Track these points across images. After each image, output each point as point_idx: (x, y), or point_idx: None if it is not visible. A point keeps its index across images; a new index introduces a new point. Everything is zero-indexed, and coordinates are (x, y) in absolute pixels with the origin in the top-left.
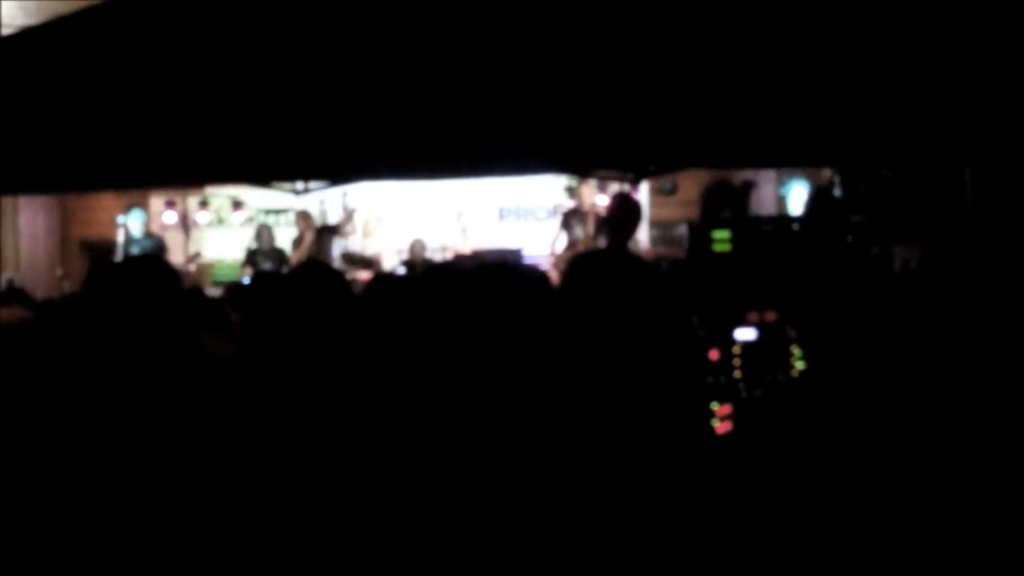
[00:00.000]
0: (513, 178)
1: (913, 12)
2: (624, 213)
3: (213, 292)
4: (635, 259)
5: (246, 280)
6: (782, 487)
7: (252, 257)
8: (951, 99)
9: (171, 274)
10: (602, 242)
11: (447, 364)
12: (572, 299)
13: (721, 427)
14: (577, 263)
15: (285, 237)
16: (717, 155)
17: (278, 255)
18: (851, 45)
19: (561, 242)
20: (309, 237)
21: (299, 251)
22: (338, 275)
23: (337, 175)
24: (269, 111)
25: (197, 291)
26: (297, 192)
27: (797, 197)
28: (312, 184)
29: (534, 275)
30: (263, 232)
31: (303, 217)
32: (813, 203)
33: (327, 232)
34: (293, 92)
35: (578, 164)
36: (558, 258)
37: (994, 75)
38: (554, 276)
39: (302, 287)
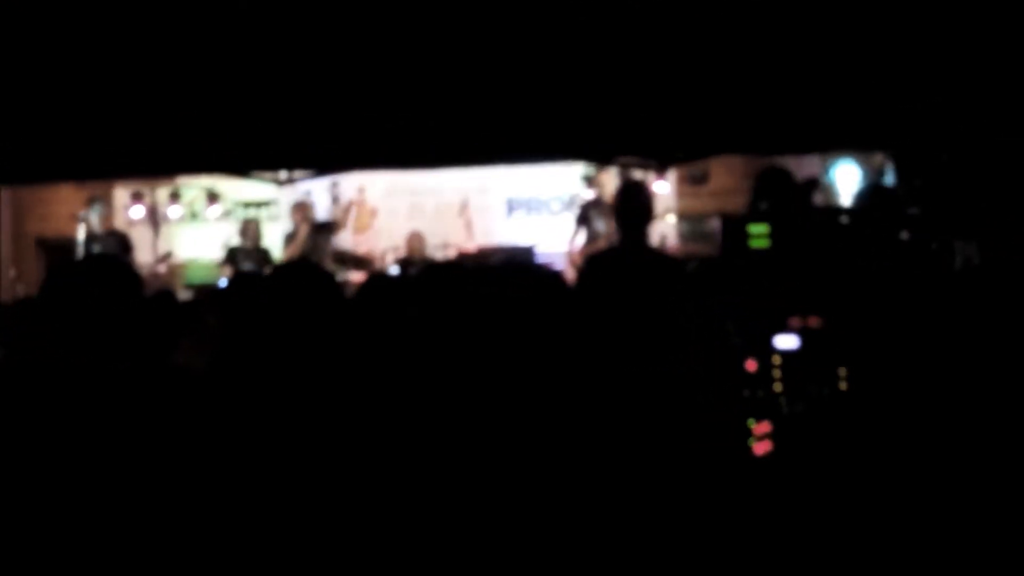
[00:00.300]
0: (524, 166)
1: None
2: (631, 203)
3: (186, 296)
4: (656, 255)
5: (224, 282)
6: (826, 517)
7: (233, 256)
8: (1013, 75)
9: (131, 276)
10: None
11: (448, 379)
12: (586, 303)
13: (759, 448)
14: (591, 262)
15: (268, 233)
16: (752, 140)
17: (262, 254)
18: (901, 19)
19: (579, 238)
20: (304, 232)
21: (291, 248)
22: (327, 276)
23: (327, 163)
24: (249, 91)
25: (168, 295)
26: (280, 182)
27: (845, 180)
28: (297, 173)
29: (547, 276)
30: (249, 227)
31: (299, 209)
32: (865, 194)
33: (324, 229)
34: (275, 69)
35: (597, 150)
36: (576, 256)
37: None
38: (571, 276)
39: (286, 290)
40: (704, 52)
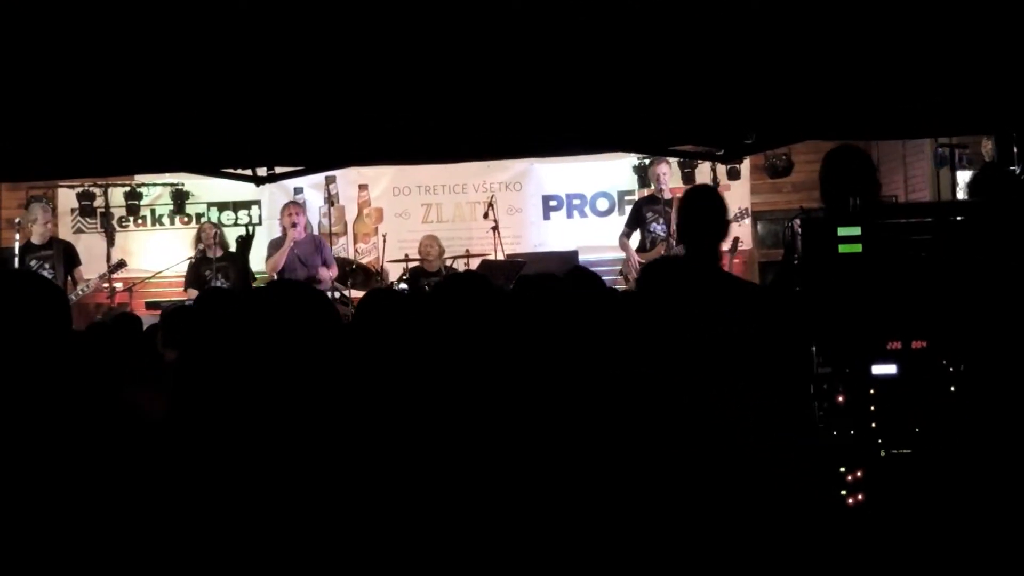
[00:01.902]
0: (563, 159)
1: None
2: (699, 209)
3: (147, 320)
4: (728, 278)
5: (187, 303)
6: None
7: (197, 270)
8: None
9: (56, 303)
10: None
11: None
12: (640, 324)
13: (852, 499)
14: (646, 274)
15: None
16: (840, 122)
17: (242, 267)
18: None
19: (634, 242)
20: (295, 236)
21: (274, 259)
22: (319, 295)
23: (319, 158)
24: (223, 76)
25: (130, 319)
26: (258, 180)
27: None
28: (279, 169)
29: (597, 290)
30: (206, 232)
31: (288, 213)
32: (982, 184)
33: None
34: (252, 48)
35: (651, 138)
36: (633, 264)
37: None
38: (625, 287)
39: (266, 310)
40: (777, 23)
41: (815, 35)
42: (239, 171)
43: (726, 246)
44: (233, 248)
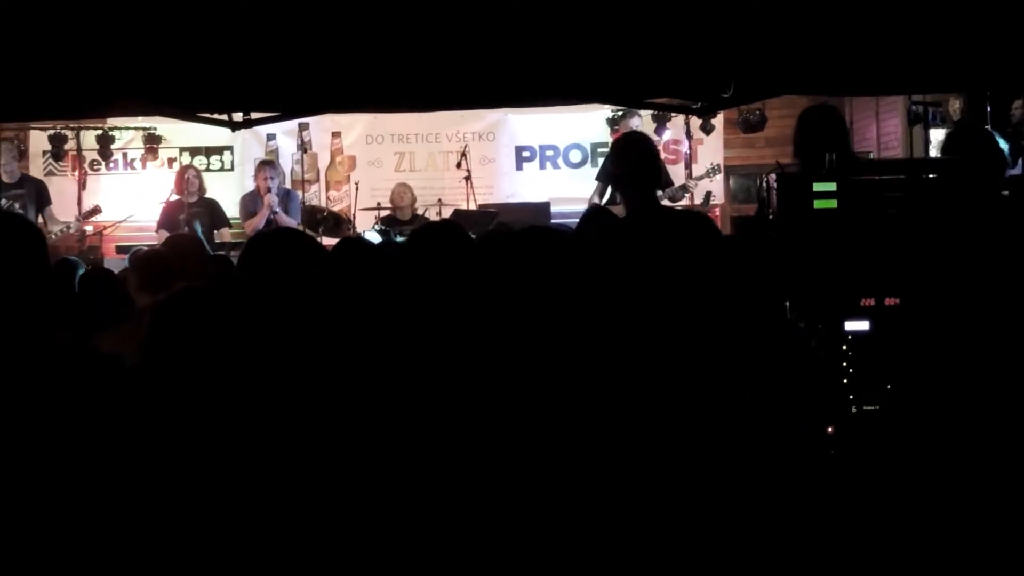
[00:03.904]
0: (536, 110)
1: None
2: (630, 160)
3: (116, 264)
4: (677, 219)
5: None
6: (903, 534)
7: (170, 213)
8: None
9: (33, 239)
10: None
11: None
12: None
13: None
14: (588, 225)
15: (219, 186)
16: (817, 77)
17: (209, 210)
18: None
19: (607, 196)
20: (271, 202)
21: (254, 221)
22: (308, 240)
23: (296, 104)
24: (199, 19)
25: (97, 268)
26: (234, 125)
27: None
28: (254, 114)
29: (571, 245)
30: (186, 177)
31: (263, 171)
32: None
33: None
34: None
35: (626, 90)
36: None
37: None
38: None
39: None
40: None
41: None
42: (215, 116)
43: (698, 199)
44: (210, 194)
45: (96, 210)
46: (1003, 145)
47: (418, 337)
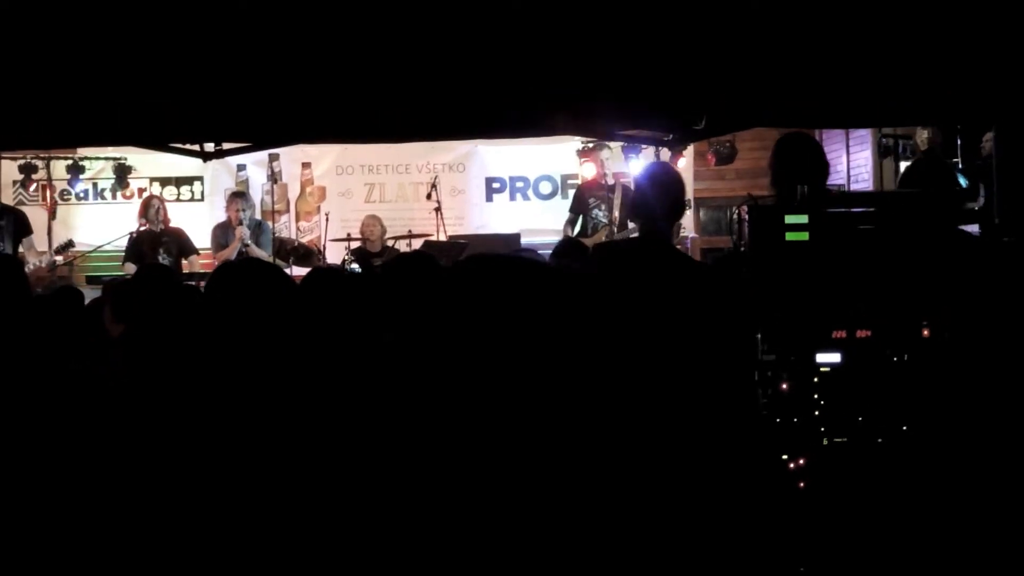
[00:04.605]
0: (507, 141)
1: None
2: (663, 188)
3: (88, 295)
4: (678, 255)
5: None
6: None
7: (137, 245)
8: None
9: (13, 268)
10: (633, 233)
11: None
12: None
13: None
14: (599, 256)
15: (189, 216)
16: (788, 110)
17: (177, 242)
18: None
19: (576, 228)
20: (243, 235)
21: (224, 254)
22: (275, 271)
23: (267, 135)
24: (171, 50)
25: (71, 292)
26: (206, 155)
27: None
28: (226, 145)
29: (544, 271)
30: (151, 206)
31: (235, 203)
32: (917, 175)
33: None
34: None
35: (598, 123)
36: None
37: None
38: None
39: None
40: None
41: (765, 23)
42: (186, 146)
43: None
44: (181, 224)
45: (70, 244)
46: (961, 180)
47: (381, 358)
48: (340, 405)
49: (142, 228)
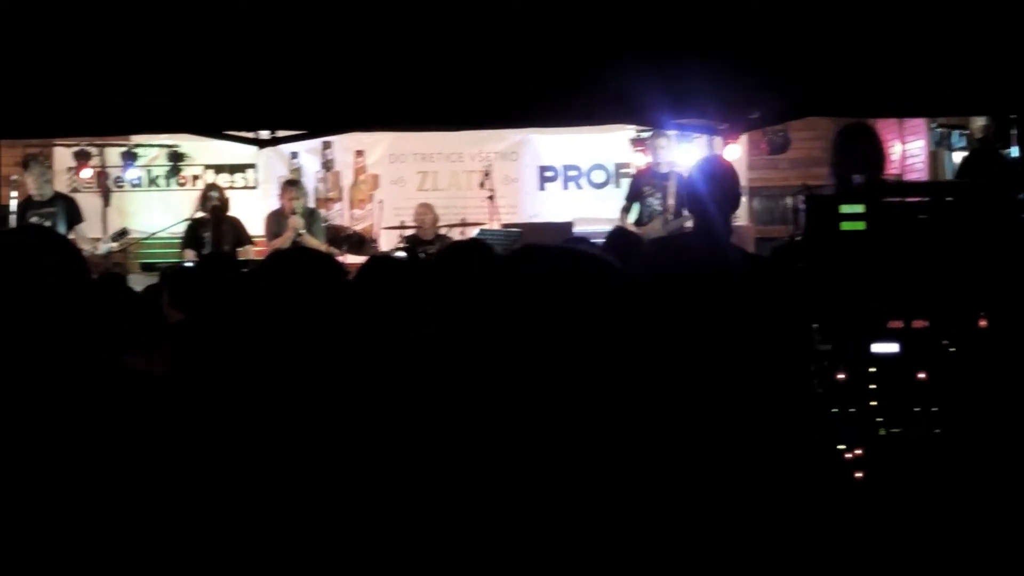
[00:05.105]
0: (561, 130)
1: None
2: (716, 182)
3: (142, 280)
4: (732, 249)
5: (189, 264)
6: (930, 558)
7: (195, 232)
8: None
9: (74, 255)
10: (688, 221)
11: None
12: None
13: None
14: (653, 250)
15: (242, 203)
16: (843, 99)
17: (233, 229)
18: None
19: (631, 216)
20: (294, 224)
21: (277, 243)
22: (328, 260)
23: (322, 122)
24: (227, 38)
25: (116, 279)
26: (260, 143)
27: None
28: (280, 132)
29: (599, 263)
30: (211, 195)
31: (289, 191)
32: (975, 165)
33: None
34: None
35: (653, 112)
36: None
37: None
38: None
39: (278, 275)
40: None
41: (818, 12)
42: (241, 134)
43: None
44: (235, 212)
45: (124, 232)
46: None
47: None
48: (381, 396)
49: (200, 215)
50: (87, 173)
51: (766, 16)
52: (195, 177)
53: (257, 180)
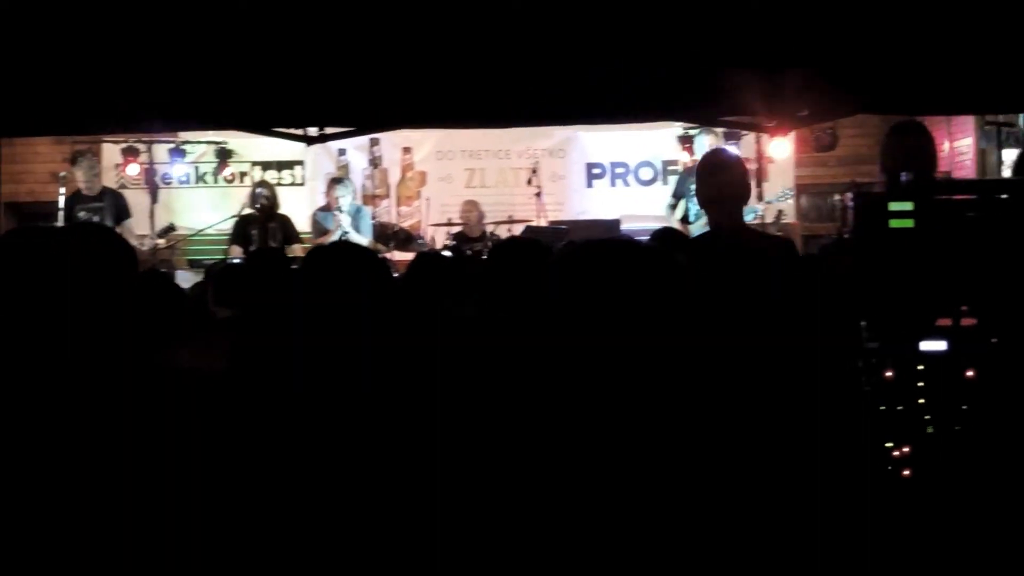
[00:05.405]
0: (608, 127)
1: None
2: (716, 178)
3: (189, 277)
4: (760, 239)
5: (235, 261)
6: (977, 556)
7: (244, 229)
8: None
9: (124, 250)
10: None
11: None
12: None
13: (899, 475)
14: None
15: (289, 200)
16: (892, 96)
17: (282, 226)
18: None
19: (678, 213)
20: (343, 222)
21: (327, 238)
22: (373, 257)
23: (370, 119)
24: (274, 35)
25: (160, 276)
26: (308, 140)
27: None
28: (328, 129)
29: (654, 255)
30: (261, 192)
31: (334, 189)
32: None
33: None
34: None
35: (701, 108)
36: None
37: None
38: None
39: (325, 273)
40: None
41: (866, 10)
42: (289, 130)
43: (769, 218)
44: (283, 210)
45: (171, 228)
46: None
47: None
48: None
49: (248, 212)
50: (134, 169)
51: (815, 13)
52: (243, 174)
53: (304, 177)
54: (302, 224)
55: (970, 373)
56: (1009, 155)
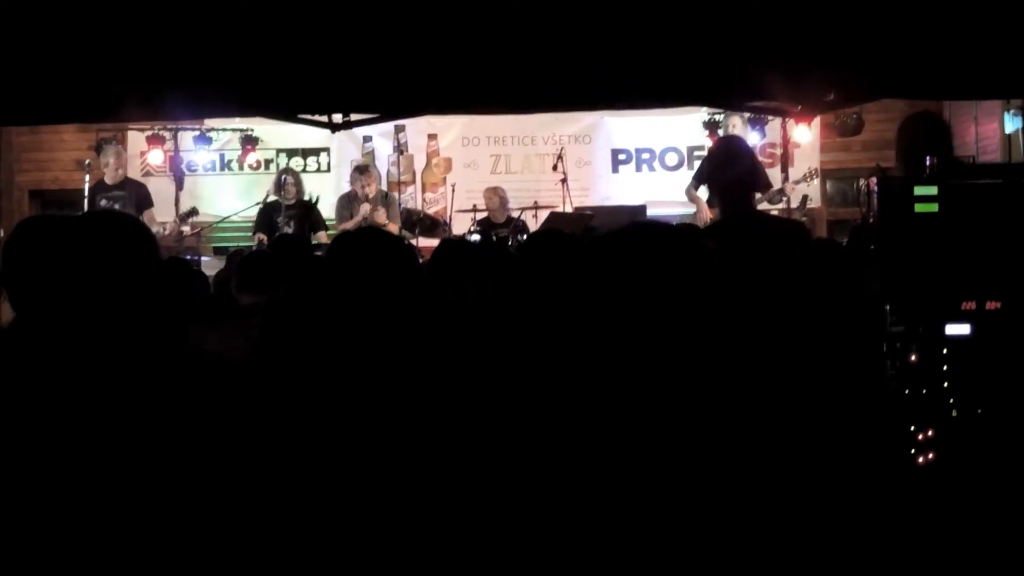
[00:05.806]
0: (633, 112)
1: None
2: (730, 164)
3: (213, 263)
4: (775, 224)
5: (259, 248)
6: (1003, 541)
7: (268, 215)
8: None
9: (146, 239)
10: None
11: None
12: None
13: (923, 458)
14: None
15: (315, 187)
16: (917, 80)
17: (306, 211)
18: None
19: (702, 194)
20: (365, 211)
21: (349, 225)
22: (399, 242)
23: (395, 105)
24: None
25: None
26: (334, 127)
27: None
28: (354, 116)
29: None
30: (286, 179)
31: (360, 177)
32: None
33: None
34: None
35: (726, 93)
36: (699, 217)
37: None
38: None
39: (351, 258)
40: None
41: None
42: (314, 117)
43: (794, 203)
44: (307, 196)
45: (193, 212)
46: None
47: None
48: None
49: (273, 199)
50: (157, 157)
51: None
52: (268, 161)
53: (330, 164)
54: (328, 211)
55: (995, 357)
56: None
